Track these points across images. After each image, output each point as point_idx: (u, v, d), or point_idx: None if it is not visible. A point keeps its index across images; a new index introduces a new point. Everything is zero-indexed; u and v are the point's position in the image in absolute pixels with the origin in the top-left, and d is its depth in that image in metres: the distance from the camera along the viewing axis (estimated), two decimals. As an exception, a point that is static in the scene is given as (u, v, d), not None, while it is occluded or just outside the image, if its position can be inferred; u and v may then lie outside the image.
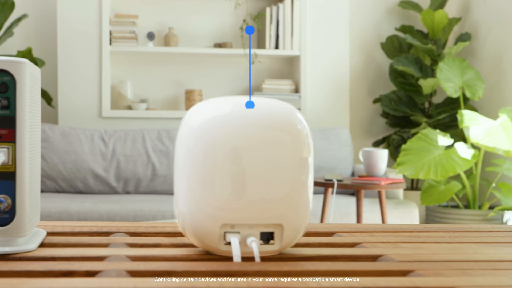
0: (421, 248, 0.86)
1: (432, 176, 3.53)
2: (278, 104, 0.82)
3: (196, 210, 0.78)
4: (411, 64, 4.25)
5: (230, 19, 4.50)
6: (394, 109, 4.36)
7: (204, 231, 0.79)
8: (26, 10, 4.35)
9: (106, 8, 4.16)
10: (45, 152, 3.84)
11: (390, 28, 4.71)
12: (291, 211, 0.79)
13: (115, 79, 4.40)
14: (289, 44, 4.36)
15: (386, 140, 4.45)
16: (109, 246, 0.87)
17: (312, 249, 0.85)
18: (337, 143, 4.09)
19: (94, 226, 1.00)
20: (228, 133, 0.78)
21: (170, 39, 4.33)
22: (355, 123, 4.70)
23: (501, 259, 0.79)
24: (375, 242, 0.91)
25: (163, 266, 0.72)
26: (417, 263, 0.77)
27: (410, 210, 3.57)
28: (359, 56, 4.70)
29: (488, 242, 0.92)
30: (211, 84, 4.49)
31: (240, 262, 0.75)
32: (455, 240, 0.93)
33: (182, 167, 0.80)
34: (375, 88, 4.72)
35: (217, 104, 0.82)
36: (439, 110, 4.32)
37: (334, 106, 4.37)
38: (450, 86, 3.97)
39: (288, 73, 4.59)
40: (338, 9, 4.37)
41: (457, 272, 0.71)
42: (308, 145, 0.81)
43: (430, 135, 3.69)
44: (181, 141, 0.80)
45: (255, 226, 0.79)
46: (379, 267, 0.74)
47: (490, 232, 1.00)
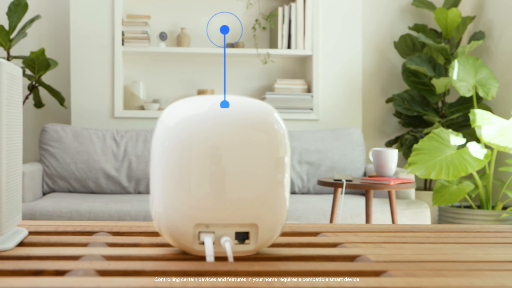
0: (402, 249, 0.85)
1: (444, 176, 3.49)
2: (256, 104, 0.82)
3: (171, 209, 0.78)
4: (424, 63, 4.22)
5: (242, 19, 4.49)
6: (407, 108, 4.33)
7: (179, 231, 0.78)
8: (39, 12, 4.38)
9: (119, 8, 4.18)
10: (58, 152, 3.86)
11: (404, 27, 4.68)
12: (266, 211, 0.78)
13: (127, 80, 4.42)
14: (301, 43, 4.35)
15: (399, 140, 4.42)
16: (88, 245, 0.87)
17: (290, 249, 0.84)
18: (349, 143, 4.07)
19: (78, 225, 1.00)
20: (203, 132, 0.78)
21: (183, 39, 4.34)
22: (367, 123, 4.68)
23: (480, 260, 0.78)
24: (357, 242, 0.90)
25: (134, 266, 0.72)
26: (392, 263, 0.76)
27: (422, 211, 3.54)
28: (372, 55, 4.68)
29: (473, 243, 0.91)
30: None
31: (213, 262, 0.74)
32: (439, 240, 0.92)
33: (157, 166, 0.79)
34: (388, 88, 4.69)
35: (193, 103, 0.81)
36: (453, 109, 4.28)
37: (347, 105, 4.35)
38: (463, 85, 3.94)
39: (300, 72, 4.58)
40: (351, 8, 4.35)
41: (430, 273, 0.70)
42: (284, 145, 0.80)
43: (442, 135, 3.66)
44: (157, 140, 0.80)
45: (229, 226, 0.78)
46: (352, 267, 0.73)
47: (478, 233, 0.99)
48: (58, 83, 4.42)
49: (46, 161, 3.85)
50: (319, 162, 4.02)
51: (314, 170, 4.02)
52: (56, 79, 4.42)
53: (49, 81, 4.41)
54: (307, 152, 4.03)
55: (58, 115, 4.43)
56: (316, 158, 4.02)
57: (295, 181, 3.99)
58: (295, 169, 4.00)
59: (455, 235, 0.97)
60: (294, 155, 4.02)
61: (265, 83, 4.54)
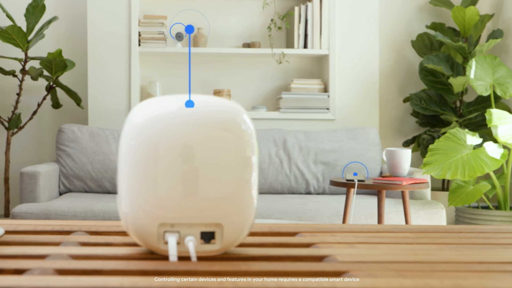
0: (374, 249, 0.84)
1: (459, 176, 3.45)
2: (225, 104, 0.81)
3: (137, 209, 0.78)
4: (441, 62, 4.18)
5: (258, 19, 4.49)
6: (424, 108, 4.29)
7: (144, 231, 0.78)
8: (57, 13, 4.42)
9: (135, 9, 4.20)
10: (74, 153, 3.89)
11: (421, 25, 4.64)
12: (231, 210, 0.78)
13: (144, 80, 4.44)
14: (317, 43, 4.33)
15: (416, 139, 4.38)
16: (60, 245, 0.87)
17: (260, 249, 0.84)
18: (365, 143, 4.05)
19: (58, 225, 1.00)
20: (169, 131, 0.77)
21: (199, 40, 4.35)
22: (385, 123, 4.65)
23: (449, 261, 0.77)
24: (331, 243, 0.89)
25: (95, 265, 0.72)
26: (358, 264, 0.75)
27: (437, 211, 3.50)
28: (389, 54, 4.64)
29: (450, 243, 0.89)
30: (240, 84, 4.50)
31: (175, 262, 0.74)
32: (416, 241, 0.91)
33: (124, 166, 0.79)
34: (405, 87, 4.65)
35: (161, 102, 0.81)
36: (470, 109, 4.23)
37: (363, 105, 4.33)
38: (480, 84, 3.89)
39: (317, 72, 4.56)
40: (367, 7, 4.33)
41: (391, 273, 0.69)
42: (252, 145, 0.80)
43: (458, 135, 3.62)
44: (123, 139, 0.80)
45: (195, 226, 0.78)
46: (315, 267, 0.72)
47: (459, 233, 0.97)
48: (76, 84, 4.45)
49: (63, 161, 3.88)
50: (335, 162, 4.00)
51: (329, 170, 4.00)
52: (74, 79, 4.46)
53: (67, 82, 4.45)
54: (322, 152, 4.01)
55: (76, 115, 4.46)
56: (331, 158, 4.00)
57: (310, 181, 3.97)
58: (310, 169, 3.98)
59: (435, 235, 0.95)
60: (309, 155, 4.00)
61: (282, 83, 4.53)
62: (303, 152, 4.00)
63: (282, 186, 3.97)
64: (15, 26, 3.81)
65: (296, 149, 4.00)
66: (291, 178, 3.96)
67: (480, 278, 0.67)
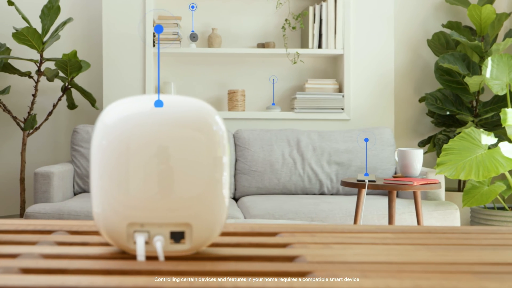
0: (349, 249, 0.83)
1: (474, 176, 3.42)
2: (197, 105, 0.81)
3: (107, 208, 0.78)
4: (457, 61, 4.14)
5: (273, 19, 4.49)
6: (440, 107, 4.25)
7: (115, 230, 0.78)
8: (72, 14, 4.46)
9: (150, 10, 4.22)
10: (88, 153, 3.92)
11: (437, 24, 4.60)
12: (201, 210, 0.78)
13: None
14: (332, 42, 4.31)
15: (431, 140, 4.34)
16: (36, 244, 0.87)
17: (233, 249, 0.83)
18: (379, 143, 4.02)
19: (39, 224, 1.00)
20: (140, 131, 0.77)
21: (214, 40, 4.36)
22: (400, 123, 4.61)
23: (420, 262, 0.76)
24: (308, 243, 0.88)
25: (61, 264, 0.72)
26: (325, 264, 0.74)
27: (451, 212, 3.47)
28: (404, 53, 4.61)
29: (429, 244, 0.88)
30: (254, 84, 4.50)
31: (142, 261, 0.74)
32: (395, 242, 0.90)
33: (95, 165, 0.79)
34: (421, 86, 4.62)
35: (133, 102, 0.81)
36: (487, 108, 4.18)
37: (379, 105, 4.30)
38: (496, 83, 3.85)
39: (332, 72, 4.54)
40: (383, 6, 4.30)
41: (355, 274, 0.68)
42: (223, 145, 0.79)
43: (473, 135, 3.58)
44: (95, 139, 0.80)
45: (164, 225, 0.78)
46: (281, 268, 0.72)
47: (442, 234, 0.96)
48: (91, 85, 4.48)
49: (77, 162, 3.91)
50: (349, 162, 3.98)
51: (343, 171, 3.98)
52: (89, 80, 4.49)
53: (82, 83, 4.48)
54: (336, 152, 3.99)
55: (90, 116, 4.49)
56: (345, 158, 3.98)
57: (324, 182, 3.96)
58: (324, 169, 3.97)
59: (416, 236, 0.94)
60: (323, 155, 3.99)
61: (296, 83, 4.52)
62: (316, 153, 3.99)
63: (295, 187, 3.96)
64: (30, 27, 3.84)
65: (309, 149, 3.99)
66: (305, 178, 3.95)
67: (444, 279, 0.66)
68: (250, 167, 3.95)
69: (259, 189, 3.96)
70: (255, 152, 3.97)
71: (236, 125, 4.29)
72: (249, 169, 3.95)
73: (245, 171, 3.96)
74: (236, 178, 3.99)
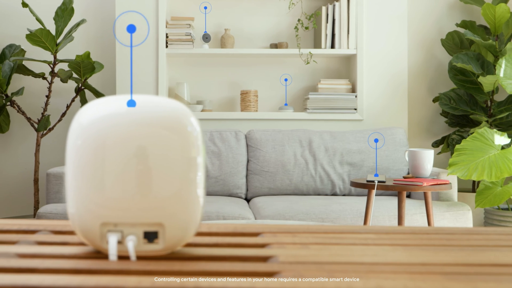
0: (325, 250, 0.83)
1: (486, 177, 3.38)
2: (172, 106, 0.81)
3: (81, 208, 0.78)
4: (471, 61, 4.10)
5: (285, 19, 4.48)
6: (454, 107, 4.21)
7: (89, 230, 0.78)
8: (86, 16, 4.49)
9: (163, 11, 4.24)
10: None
11: (451, 23, 4.56)
12: (174, 210, 0.78)
13: (172, 81, 4.47)
14: (345, 42, 4.30)
15: (445, 140, 4.31)
16: (16, 243, 0.88)
17: (209, 249, 0.83)
18: (392, 143, 4.00)
19: (24, 224, 1.01)
20: (114, 131, 0.78)
21: (226, 40, 4.36)
22: (414, 123, 4.58)
23: (393, 262, 0.75)
24: (286, 243, 0.88)
25: (32, 264, 0.72)
26: (296, 264, 0.74)
27: (463, 213, 3.44)
28: (418, 53, 4.58)
29: (409, 245, 0.87)
30: (267, 84, 4.49)
31: (113, 261, 0.74)
32: (375, 242, 0.89)
33: (69, 165, 0.80)
34: (435, 86, 4.58)
35: (108, 103, 0.81)
36: (501, 108, 4.14)
37: (392, 105, 4.28)
38: (510, 83, 3.80)
39: (345, 72, 4.53)
40: (396, 5, 4.28)
41: (323, 273, 0.68)
42: (197, 146, 0.79)
43: (486, 135, 3.54)
44: (70, 138, 0.80)
45: (137, 225, 0.78)
46: (250, 268, 0.71)
47: (426, 235, 0.95)
48: (104, 86, 4.51)
49: (90, 162, 3.93)
50: (361, 163, 3.96)
51: (355, 171, 3.96)
52: (102, 81, 4.51)
53: (96, 84, 4.51)
54: (348, 152, 3.98)
55: (104, 117, 4.51)
56: (358, 159, 3.96)
57: (336, 182, 3.94)
58: (336, 170, 3.95)
59: (398, 237, 0.93)
60: (335, 155, 3.97)
61: (309, 83, 4.51)
62: (328, 153, 3.98)
63: (307, 187, 3.95)
64: (44, 29, 3.87)
65: (321, 150, 3.98)
66: (317, 179, 3.94)
67: (410, 280, 0.66)
68: (262, 167, 3.95)
69: (271, 190, 3.95)
70: (267, 153, 3.96)
71: (248, 125, 4.29)
72: (261, 170, 3.95)
73: (257, 172, 3.95)
74: (248, 178, 3.99)
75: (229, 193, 3.95)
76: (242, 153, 3.98)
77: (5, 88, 4.12)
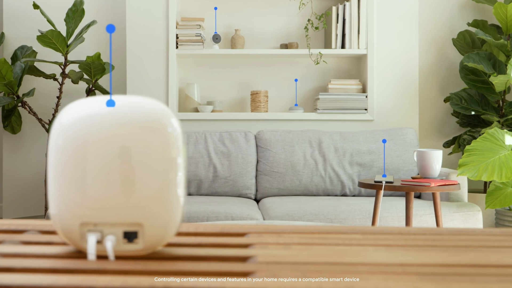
0: (306, 250, 0.83)
1: (496, 178, 3.36)
2: (154, 106, 0.81)
3: (62, 208, 0.79)
4: (482, 61, 4.07)
5: (296, 19, 4.48)
6: (465, 108, 4.19)
7: (69, 230, 0.79)
8: (96, 17, 4.51)
9: (173, 12, 4.25)
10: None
11: (463, 23, 4.53)
12: (154, 210, 0.78)
13: (182, 82, 4.48)
14: (355, 42, 4.29)
15: (456, 140, 4.28)
16: (1, 243, 0.88)
17: (190, 249, 0.83)
18: (402, 143, 3.98)
19: (13, 224, 1.02)
20: (95, 131, 0.78)
21: (237, 41, 4.36)
22: (425, 123, 4.56)
23: (371, 263, 0.75)
24: (269, 244, 0.88)
25: (12, 263, 0.73)
26: (273, 264, 0.73)
27: (473, 214, 3.41)
28: (429, 53, 4.55)
29: (392, 245, 0.87)
30: (277, 85, 4.49)
31: (92, 261, 0.74)
32: (360, 242, 0.89)
33: (50, 165, 0.80)
34: (446, 86, 4.56)
35: (90, 103, 0.82)
36: (513, 108, 4.11)
37: (403, 105, 4.26)
38: (521, 82, 3.77)
39: (355, 72, 4.51)
40: (407, 5, 4.26)
41: (296, 274, 0.68)
42: (177, 146, 0.80)
43: (496, 135, 3.52)
44: (51, 139, 0.81)
45: (117, 225, 0.78)
46: (226, 268, 0.71)
47: (413, 235, 0.95)
48: (115, 87, 4.53)
49: (100, 163, 3.95)
50: (371, 163, 3.94)
51: (365, 172, 3.95)
52: (113, 82, 4.53)
53: (107, 85, 4.53)
54: (358, 153, 3.96)
55: (114, 117, 4.54)
56: (367, 159, 3.95)
57: (345, 183, 3.93)
58: (345, 170, 3.94)
59: (383, 237, 0.93)
60: (345, 156, 3.96)
61: (319, 83, 4.50)
62: (338, 153, 3.97)
63: (317, 188, 3.94)
64: (55, 30, 3.90)
65: (331, 150, 3.97)
66: (326, 179, 3.93)
67: (383, 280, 0.65)
68: (271, 168, 3.95)
69: (280, 190, 3.95)
70: (276, 153, 3.96)
71: (258, 126, 4.29)
72: (270, 170, 3.95)
73: (267, 172, 3.95)
74: (258, 179, 3.99)
75: (239, 194, 3.95)
76: (251, 154, 3.98)
77: (16, 89, 4.16)
